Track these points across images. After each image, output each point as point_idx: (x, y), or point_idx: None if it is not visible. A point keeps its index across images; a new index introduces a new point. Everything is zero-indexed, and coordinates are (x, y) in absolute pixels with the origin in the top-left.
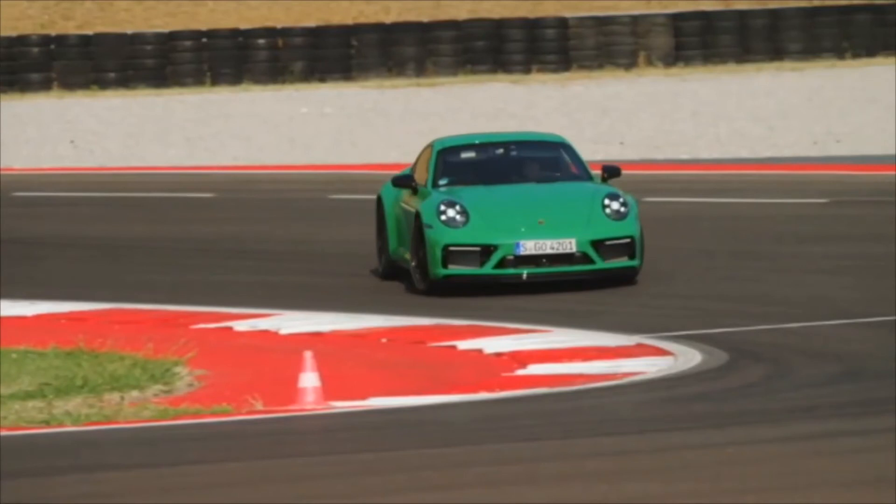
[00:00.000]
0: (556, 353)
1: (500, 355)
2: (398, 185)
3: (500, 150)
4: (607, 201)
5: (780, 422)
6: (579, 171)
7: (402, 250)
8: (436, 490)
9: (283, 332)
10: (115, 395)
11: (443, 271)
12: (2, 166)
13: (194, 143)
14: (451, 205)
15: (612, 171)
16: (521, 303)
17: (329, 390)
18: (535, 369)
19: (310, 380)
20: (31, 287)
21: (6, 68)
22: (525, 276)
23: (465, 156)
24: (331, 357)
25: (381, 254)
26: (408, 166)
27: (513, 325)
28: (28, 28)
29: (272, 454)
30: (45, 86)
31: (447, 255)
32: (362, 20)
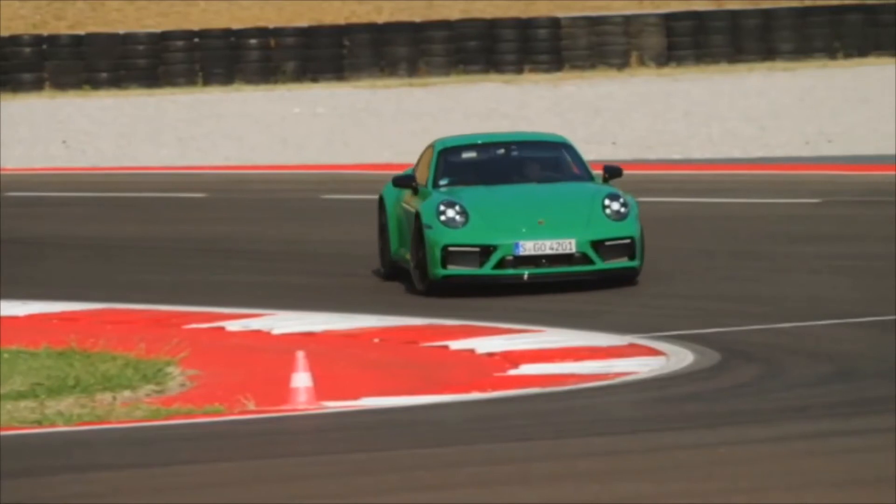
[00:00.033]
0: (548, 354)
1: (492, 355)
2: (398, 185)
3: (501, 151)
4: (607, 202)
5: (771, 422)
6: (581, 171)
7: (403, 251)
8: (428, 490)
9: (275, 332)
10: (108, 395)
11: (442, 272)
12: None
13: (186, 144)
14: (450, 205)
15: (613, 172)
16: (519, 303)
17: (321, 390)
18: (527, 369)
19: (302, 380)
20: (25, 287)
21: None
22: (527, 276)
23: (467, 156)
24: (323, 357)
25: (383, 254)
26: (401, 166)
27: (505, 325)
28: (20, 28)
29: (264, 454)
30: (37, 86)
31: (446, 255)
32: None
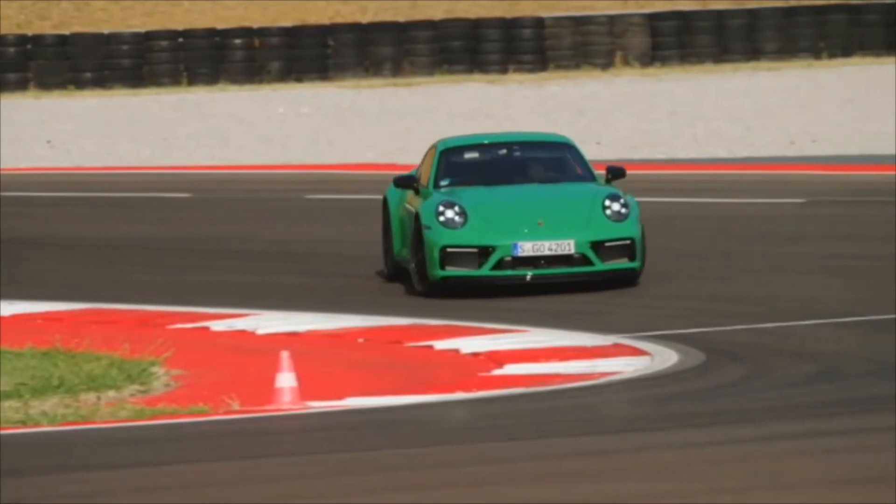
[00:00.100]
0: (532, 353)
1: (476, 355)
2: (399, 185)
3: (503, 151)
4: (608, 202)
5: (757, 421)
6: (583, 172)
7: (405, 252)
8: (413, 490)
9: (260, 332)
10: (92, 396)
11: (441, 273)
12: None
13: (171, 143)
14: (449, 205)
15: (616, 172)
16: (511, 304)
17: (306, 390)
18: (511, 369)
19: (287, 380)
20: (10, 287)
21: None
22: (529, 277)
23: (469, 156)
24: (308, 357)
25: (387, 255)
26: (385, 166)
27: (490, 325)
28: (4, 28)
29: (249, 454)
30: (21, 86)
31: (445, 256)
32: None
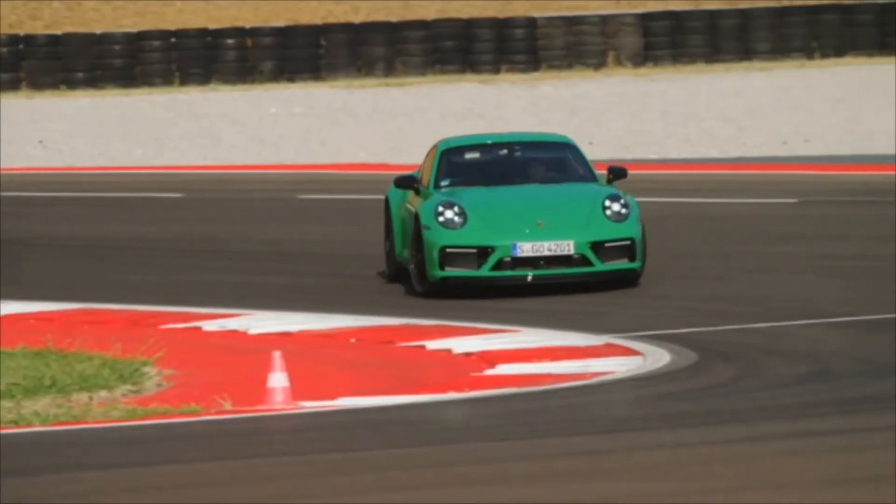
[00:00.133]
0: (524, 353)
1: (468, 355)
2: (400, 185)
3: (504, 151)
4: (608, 203)
5: (749, 421)
6: (584, 172)
7: (406, 253)
8: (405, 490)
9: (252, 332)
10: (84, 395)
11: (440, 273)
12: None
13: (163, 143)
14: (449, 206)
15: (617, 173)
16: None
17: (298, 390)
18: (503, 369)
19: (279, 380)
20: (6, 287)
21: None
22: (530, 278)
23: (469, 156)
24: (300, 357)
25: (389, 256)
26: (377, 166)
27: (482, 325)
28: None
29: (241, 454)
30: (13, 86)
31: (444, 256)
32: (331, 20)
